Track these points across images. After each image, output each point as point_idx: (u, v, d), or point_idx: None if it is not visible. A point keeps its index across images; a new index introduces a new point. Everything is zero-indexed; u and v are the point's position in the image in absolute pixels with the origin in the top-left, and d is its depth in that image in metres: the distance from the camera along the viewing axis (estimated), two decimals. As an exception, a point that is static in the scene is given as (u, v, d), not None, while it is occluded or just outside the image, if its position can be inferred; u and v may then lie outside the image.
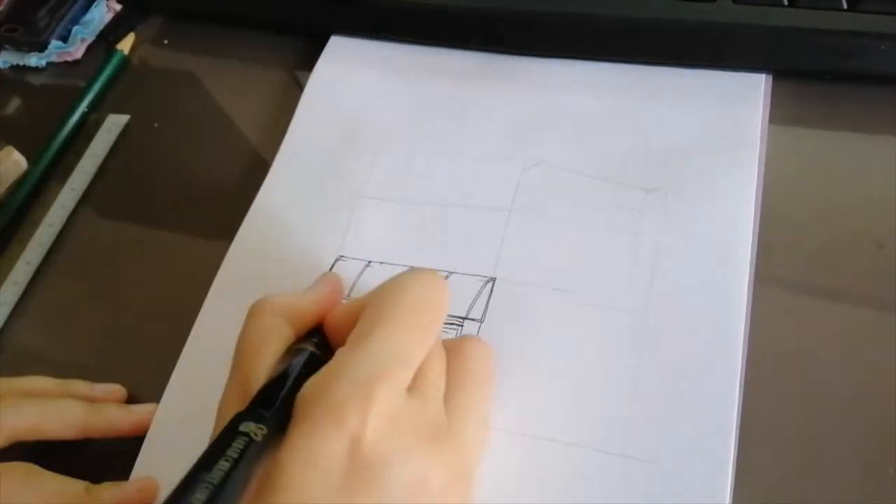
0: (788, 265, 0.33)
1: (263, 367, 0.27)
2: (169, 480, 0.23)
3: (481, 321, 0.34)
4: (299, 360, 0.28)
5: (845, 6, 0.35)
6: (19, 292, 0.42)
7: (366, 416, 0.24)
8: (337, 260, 0.37)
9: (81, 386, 0.37)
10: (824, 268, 0.32)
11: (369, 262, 0.37)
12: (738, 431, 0.29)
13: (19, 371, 0.37)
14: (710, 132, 0.36)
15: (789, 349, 0.31)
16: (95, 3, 0.53)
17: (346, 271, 0.37)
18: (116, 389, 0.37)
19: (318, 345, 0.29)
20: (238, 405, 0.26)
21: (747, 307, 0.32)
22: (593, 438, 0.30)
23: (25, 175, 0.46)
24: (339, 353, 0.27)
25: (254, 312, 0.29)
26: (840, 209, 0.34)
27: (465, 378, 0.29)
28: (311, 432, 0.24)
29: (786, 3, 0.36)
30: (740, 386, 0.30)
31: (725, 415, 0.29)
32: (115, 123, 0.47)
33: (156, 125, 0.47)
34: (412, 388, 0.26)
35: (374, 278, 0.36)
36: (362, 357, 0.26)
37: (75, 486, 0.33)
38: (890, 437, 0.29)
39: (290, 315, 0.29)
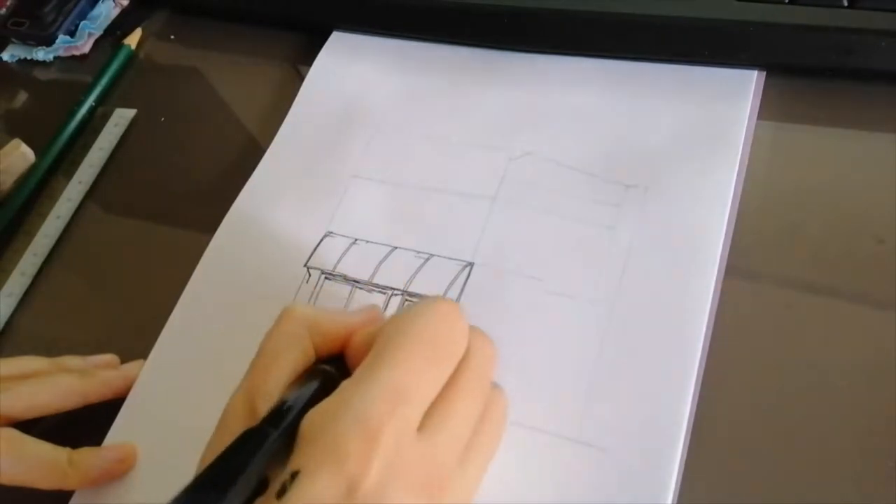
0: (788, 260, 0.33)
1: (276, 381, 0.26)
2: (144, 443, 0.22)
3: None
4: (314, 383, 0.26)
5: (846, 3, 0.35)
6: (27, 283, 0.42)
7: (369, 459, 0.22)
8: (325, 236, 0.38)
9: (75, 360, 0.37)
10: (824, 263, 0.33)
11: (356, 239, 0.38)
12: (690, 429, 0.30)
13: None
14: (695, 129, 0.36)
15: (788, 344, 0.31)
16: (102, -1, 0.53)
17: (333, 248, 0.38)
18: (109, 358, 0.37)
19: (338, 368, 0.28)
20: (242, 415, 0.25)
21: (712, 306, 0.32)
22: (546, 422, 0.31)
23: (33, 168, 0.47)
24: (344, 386, 0.25)
25: (280, 319, 0.28)
26: (840, 205, 0.34)
27: (493, 428, 0.27)
28: (308, 471, 0.22)
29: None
30: (697, 383, 0.30)
31: (677, 411, 0.30)
32: (121, 117, 0.48)
33: (162, 119, 0.47)
34: (424, 428, 0.24)
35: (359, 256, 0.37)
36: (367, 393, 0.24)
37: (57, 454, 0.33)
38: (889, 434, 0.29)
39: (315, 328, 0.28)
